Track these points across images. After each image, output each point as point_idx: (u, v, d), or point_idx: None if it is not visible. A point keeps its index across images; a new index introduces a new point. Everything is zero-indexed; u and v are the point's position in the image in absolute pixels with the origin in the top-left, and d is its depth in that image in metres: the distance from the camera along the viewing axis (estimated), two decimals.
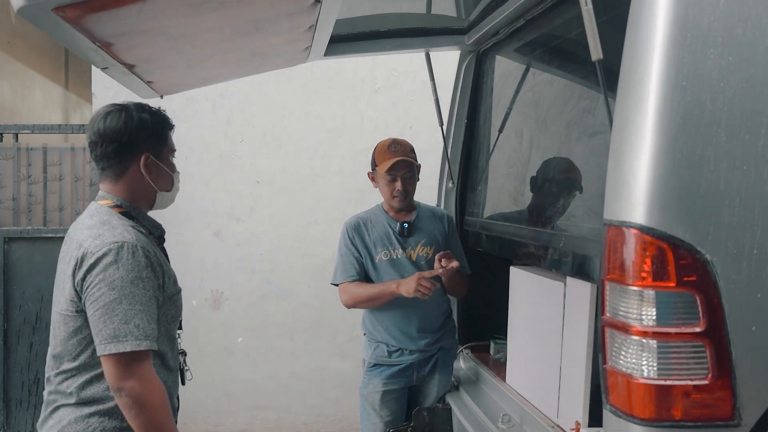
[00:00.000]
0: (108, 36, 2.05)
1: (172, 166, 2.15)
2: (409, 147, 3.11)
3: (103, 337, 1.82)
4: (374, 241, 3.12)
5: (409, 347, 3.11)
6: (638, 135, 1.60)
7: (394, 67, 4.88)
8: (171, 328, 2.07)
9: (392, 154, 3.04)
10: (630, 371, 1.62)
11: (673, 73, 1.58)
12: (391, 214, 3.17)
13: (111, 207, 2.01)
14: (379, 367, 3.16)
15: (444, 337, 3.20)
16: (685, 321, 1.57)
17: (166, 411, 1.89)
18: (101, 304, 1.82)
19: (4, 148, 4.73)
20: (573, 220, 2.35)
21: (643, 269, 1.60)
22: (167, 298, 1.99)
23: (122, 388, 1.81)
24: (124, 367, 1.81)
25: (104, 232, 1.90)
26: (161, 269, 1.95)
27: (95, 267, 1.84)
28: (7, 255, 4.67)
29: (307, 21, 2.35)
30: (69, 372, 1.92)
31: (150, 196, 2.10)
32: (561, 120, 2.52)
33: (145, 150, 2.03)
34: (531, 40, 2.85)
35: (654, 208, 1.58)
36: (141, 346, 1.82)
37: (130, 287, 1.83)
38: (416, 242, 3.14)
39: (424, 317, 3.12)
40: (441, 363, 3.19)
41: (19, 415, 4.73)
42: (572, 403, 2.28)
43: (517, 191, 2.93)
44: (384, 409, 3.13)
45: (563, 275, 2.38)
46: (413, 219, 3.17)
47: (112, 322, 1.81)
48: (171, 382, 2.05)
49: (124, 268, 1.84)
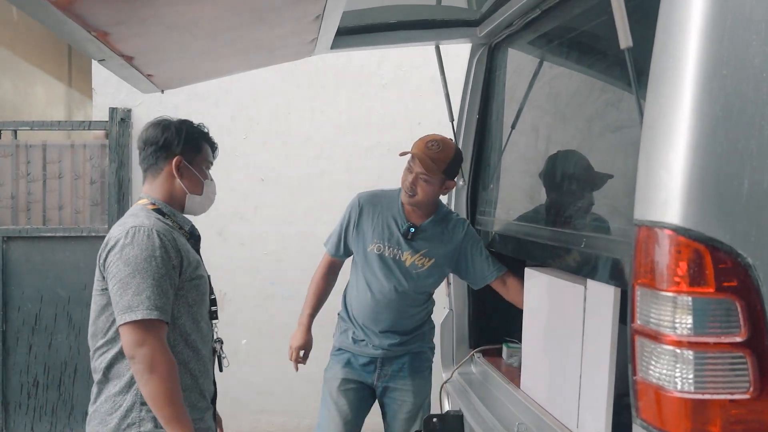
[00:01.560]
0: (103, 24, 1.97)
1: (204, 173, 2.35)
2: (443, 158, 2.83)
3: (119, 309, 2.01)
4: (374, 226, 2.99)
5: (374, 342, 3.04)
6: (673, 128, 1.47)
7: (403, 61, 4.77)
8: (195, 311, 2.21)
9: (419, 148, 2.83)
10: (663, 383, 1.49)
11: (711, 60, 1.45)
12: (405, 207, 2.99)
13: (145, 204, 2.24)
14: (343, 353, 3.11)
15: (413, 341, 3.08)
16: (724, 330, 1.44)
17: (174, 381, 2.03)
18: (118, 279, 2.03)
19: (3, 146, 4.65)
20: (594, 219, 2.23)
21: (677, 273, 1.47)
22: (187, 280, 2.15)
23: (135, 355, 1.99)
24: (137, 335, 1.99)
25: (127, 221, 2.15)
26: (178, 253, 2.12)
27: (114, 248, 2.07)
28: (5, 255, 4.59)
29: (313, 10, 2.25)
30: (102, 348, 2.13)
31: (180, 198, 2.29)
32: (581, 115, 2.40)
33: (178, 153, 2.25)
34: (547, 31, 2.73)
35: (690, 207, 1.45)
36: (151, 315, 1.99)
37: (144, 263, 2.02)
38: (416, 249, 2.97)
39: (393, 319, 3.01)
40: (411, 368, 3.07)
41: (18, 418, 4.64)
42: (594, 414, 2.16)
43: (532, 189, 2.81)
44: (341, 398, 3.06)
45: (583, 278, 2.25)
46: (423, 225, 2.99)
47: (126, 294, 2.01)
48: (196, 364, 2.21)
49: (138, 247, 2.04)
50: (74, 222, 4.71)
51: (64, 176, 4.69)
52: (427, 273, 2.98)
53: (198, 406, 2.21)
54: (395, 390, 3.07)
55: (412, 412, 3.07)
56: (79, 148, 4.70)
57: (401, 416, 3.07)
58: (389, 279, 2.96)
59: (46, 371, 4.66)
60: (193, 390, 2.19)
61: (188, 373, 2.18)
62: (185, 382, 2.14)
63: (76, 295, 4.63)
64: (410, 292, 3.00)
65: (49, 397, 4.66)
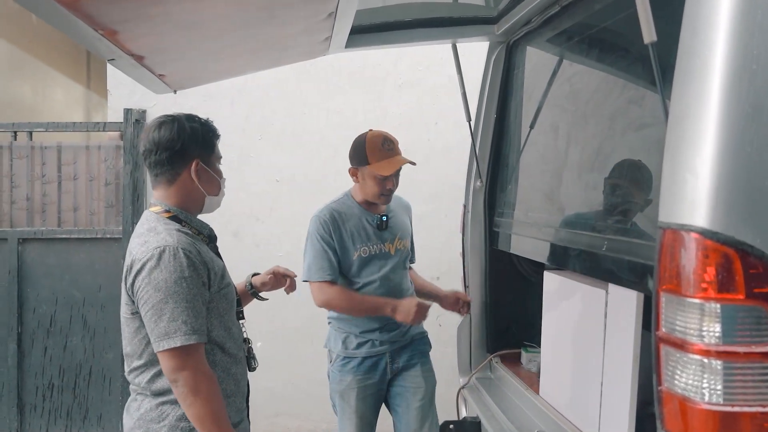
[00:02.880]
0: (111, 22, 1.93)
1: (219, 171, 2.28)
2: (397, 142, 3.03)
3: (156, 335, 1.99)
4: (351, 234, 3.01)
5: (379, 338, 3.02)
6: (700, 126, 1.40)
7: (419, 60, 4.71)
8: (226, 319, 2.19)
9: (389, 153, 2.94)
10: (689, 395, 1.42)
11: (741, 56, 1.37)
12: (365, 206, 3.07)
13: (159, 213, 2.16)
14: (350, 360, 3.05)
15: (414, 326, 3.09)
16: (754, 339, 1.37)
17: (218, 400, 2.03)
18: (150, 306, 1.99)
19: (18, 147, 4.64)
20: (617, 221, 2.16)
21: (704, 279, 1.40)
22: (216, 292, 2.13)
23: (177, 379, 1.98)
24: (177, 361, 1.98)
25: (150, 239, 2.06)
26: (205, 267, 2.08)
27: (141, 272, 2.01)
28: (21, 256, 4.58)
29: (325, 8, 2.19)
30: (138, 369, 2.11)
31: (199, 201, 2.23)
32: (603, 114, 2.33)
33: (196, 157, 2.17)
34: (567, 28, 2.66)
35: (718, 210, 1.37)
36: (190, 340, 1.98)
37: (174, 287, 1.98)
38: (393, 236, 3.09)
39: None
40: (419, 353, 3.13)
41: (33, 421, 4.63)
42: (616, 423, 2.10)
43: (551, 190, 2.74)
44: (361, 406, 3.04)
45: (604, 282, 2.18)
46: (388, 209, 3.10)
47: (161, 320, 1.98)
48: (236, 368, 2.22)
49: (166, 270, 1.99)
50: (89, 224, 4.70)
51: (79, 178, 4.68)
52: (406, 252, 3.16)
53: (241, 409, 2.25)
54: (407, 377, 3.08)
55: (427, 397, 3.08)
56: (94, 150, 4.69)
57: (415, 404, 3.06)
58: (385, 272, 3.02)
59: (61, 373, 4.65)
60: (236, 395, 2.21)
61: (232, 379, 2.19)
62: (230, 389, 2.17)
63: (91, 297, 4.62)
64: (402, 275, 3.13)
65: (64, 399, 4.65)
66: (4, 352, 4.61)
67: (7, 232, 4.60)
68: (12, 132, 4.69)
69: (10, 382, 4.60)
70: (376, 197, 2.99)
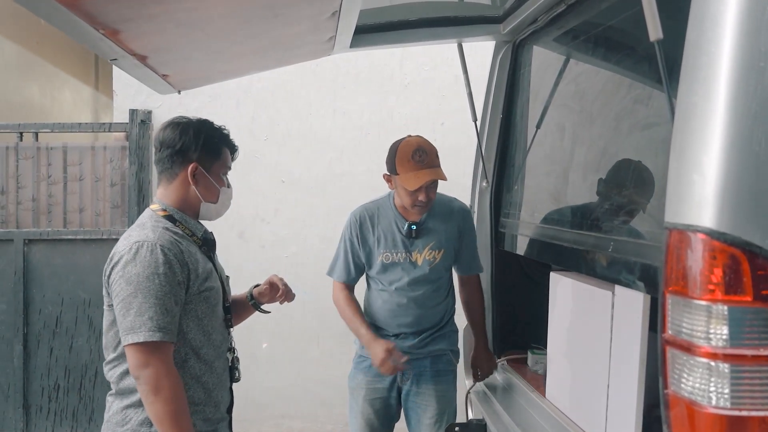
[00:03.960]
0: (112, 22, 1.93)
1: (221, 180, 2.24)
2: (434, 153, 2.81)
3: (123, 329, 1.97)
4: (378, 238, 2.93)
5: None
6: (706, 125, 1.37)
7: (425, 61, 4.70)
8: (205, 324, 2.14)
9: (418, 166, 2.73)
10: (696, 398, 1.40)
11: (748, 53, 1.35)
12: (401, 210, 2.93)
13: (156, 211, 2.17)
14: (364, 360, 3.00)
15: (434, 342, 2.97)
16: (762, 341, 1.34)
17: (181, 402, 1.98)
18: (121, 299, 1.98)
19: (24, 148, 4.64)
20: (623, 221, 2.13)
21: (711, 280, 1.37)
22: (195, 294, 2.09)
23: (140, 376, 1.96)
24: (141, 357, 1.95)
25: (133, 233, 2.08)
26: (185, 267, 2.05)
27: (117, 264, 2.01)
28: (26, 257, 4.58)
29: (329, 7, 2.18)
30: (111, 363, 2.11)
31: (195, 205, 2.21)
32: (609, 113, 2.31)
33: (195, 160, 2.15)
34: (573, 27, 2.63)
35: (725, 210, 1.35)
36: (154, 337, 1.94)
37: (146, 282, 1.96)
38: (424, 245, 2.91)
39: (415, 317, 2.93)
40: (433, 371, 2.97)
41: (39, 422, 4.63)
42: (622, 426, 2.07)
43: (558, 191, 2.72)
44: (367, 407, 3.00)
45: (611, 283, 2.16)
46: (423, 219, 2.92)
47: (129, 314, 1.96)
48: (208, 377, 2.14)
49: (140, 265, 1.97)
50: (95, 224, 4.70)
51: (85, 178, 4.67)
52: (440, 264, 2.93)
53: (212, 419, 2.16)
54: (418, 394, 2.98)
55: (436, 417, 2.96)
56: (100, 150, 4.68)
57: (426, 421, 2.98)
58: (403, 284, 2.91)
59: (67, 374, 4.64)
60: (207, 404, 2.14)
61: (201, 387, 2.12)
62: (198, 397, 2.10)
63: (97, 297, 4.58)
64: (428, 288, 2.94)
65: (69, 400, 4.64)
66: (10, 353, 4.60)
67: (12, 233, 4.59)
68: (18, 133, 4.70)
69: (16, 383, 4.60)
70: (410, 207, 2.85)
